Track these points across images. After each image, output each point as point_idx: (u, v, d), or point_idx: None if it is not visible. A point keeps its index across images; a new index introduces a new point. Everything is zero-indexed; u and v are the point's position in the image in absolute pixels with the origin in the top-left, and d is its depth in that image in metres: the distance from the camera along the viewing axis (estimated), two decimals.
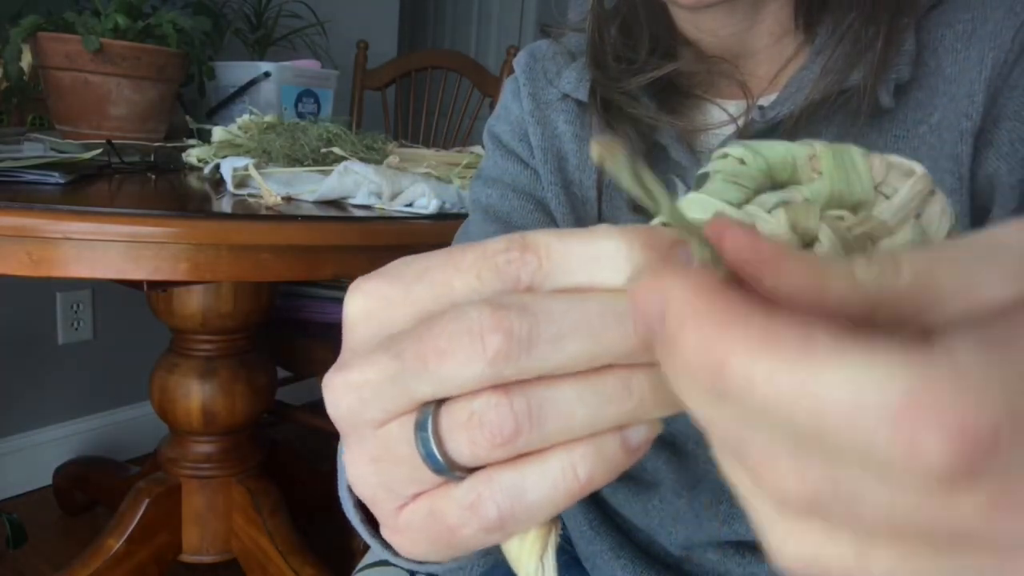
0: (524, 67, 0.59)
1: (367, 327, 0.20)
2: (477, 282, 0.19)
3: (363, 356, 0.20)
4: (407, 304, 0.20)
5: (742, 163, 0.21)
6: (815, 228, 0.20)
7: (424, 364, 0.19)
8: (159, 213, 0.72)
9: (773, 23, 0.49)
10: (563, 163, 0.56)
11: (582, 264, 0.19)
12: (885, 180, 0.21)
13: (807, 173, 0.21)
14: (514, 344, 0.18)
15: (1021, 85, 0.43)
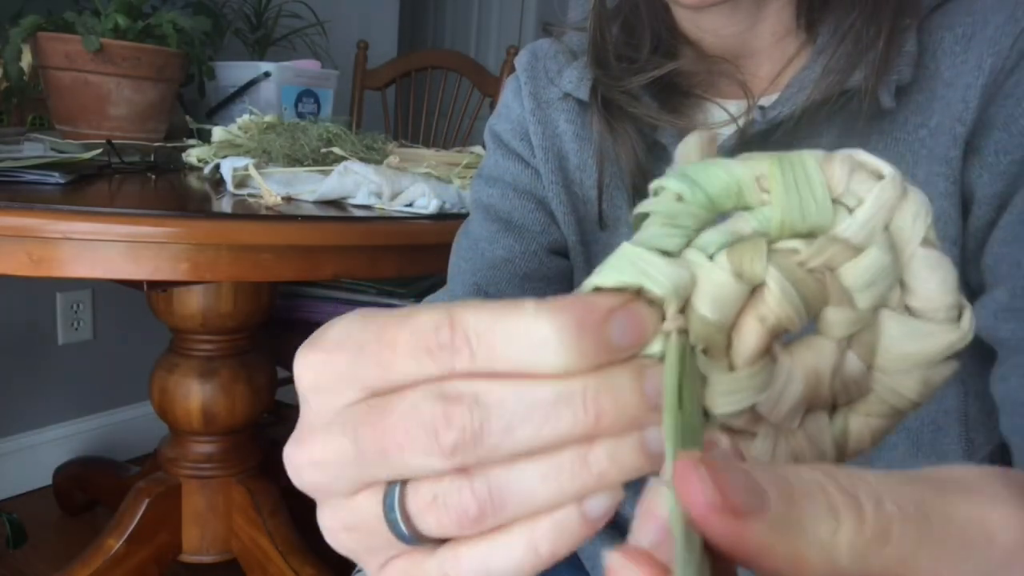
0: (525, 66, 0.59)
1: (318, 400, 0.20)
2: (415, 365, 0.19)
3: (321, 433, 0.20)
4: (353, 379, 0.20)
5: (680, 199, 0.18)
6: (762, 272, 0.18)
7: (383, 454, 0.19)
8: (159, 213, 0.72)
9: (775, 23, 0.49)
10: (564, 162, 0.56)
11: (517, 351, 0.18)
12: (847, 188, 0.18)
13: (755, 195, 0.18)
14: (468, 438, 0.18)
15: (1015, 94, 0.43)
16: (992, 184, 0.44)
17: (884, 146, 0.46)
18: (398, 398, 0.19)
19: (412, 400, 0.19)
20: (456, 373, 0.19)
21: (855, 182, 0.18)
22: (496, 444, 0.18)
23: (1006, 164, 0.43)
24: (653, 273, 0.18)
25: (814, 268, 0.18)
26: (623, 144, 0.51)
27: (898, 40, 0.45)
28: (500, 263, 0.57)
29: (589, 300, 0.18)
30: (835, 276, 0.18)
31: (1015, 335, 0.42)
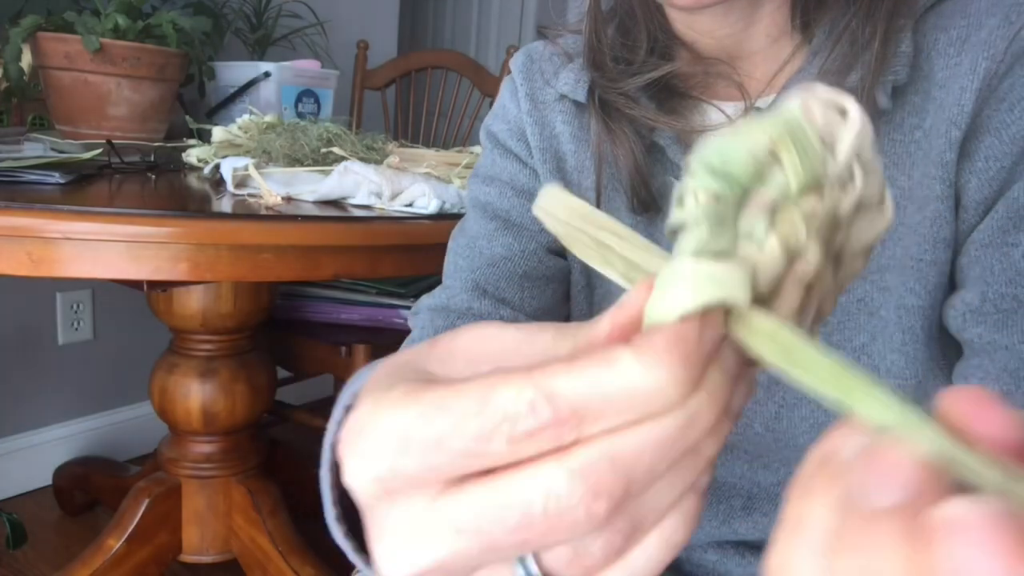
0: (521, 67, 0.59)
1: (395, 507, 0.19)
2: (512, 448, 0.18)
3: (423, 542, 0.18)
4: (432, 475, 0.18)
5: (718, 199, 0.19)
6: (804, 246, 0.19)
7: (523, 543, 0.18)
8: (159, 213, 0.72)
9: (770, 24, 0.49)
10: (561, 163, 0.56)
11: (630, 406, 0.17)
12: (827, 131, 0.20)
13: (769, 165, 0.19)
14: (618, 501, 0.18)
15: (1008, 99, 0.43)
16: (980, 190, 0.44)
17: (881, 147, 0.46)
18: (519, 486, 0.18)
19: (543, 485, 0.17)
20: (564, 446, 0.18)
21: (831, 123, 0.20)
22: (641, 491, 0.18)
23: (995, 170, 0.43)
24: (733, 286, 0.18)
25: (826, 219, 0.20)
26: (621, 146, 0.51)
27: (894, 40, 0.45)
28: (499, 261, 0.57)
29: (683, 333, 0.18)
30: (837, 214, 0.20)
31: (981, 339, 0.44)
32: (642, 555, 0.19)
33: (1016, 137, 0.42)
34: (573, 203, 0.22)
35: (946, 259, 0.45)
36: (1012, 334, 0.43)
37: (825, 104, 0.20)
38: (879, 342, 0.47)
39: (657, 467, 0.18)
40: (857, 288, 0.47)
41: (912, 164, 0.46)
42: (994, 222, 0.43)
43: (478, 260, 0.57)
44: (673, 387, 0.17)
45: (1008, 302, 0.43)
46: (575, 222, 0.22)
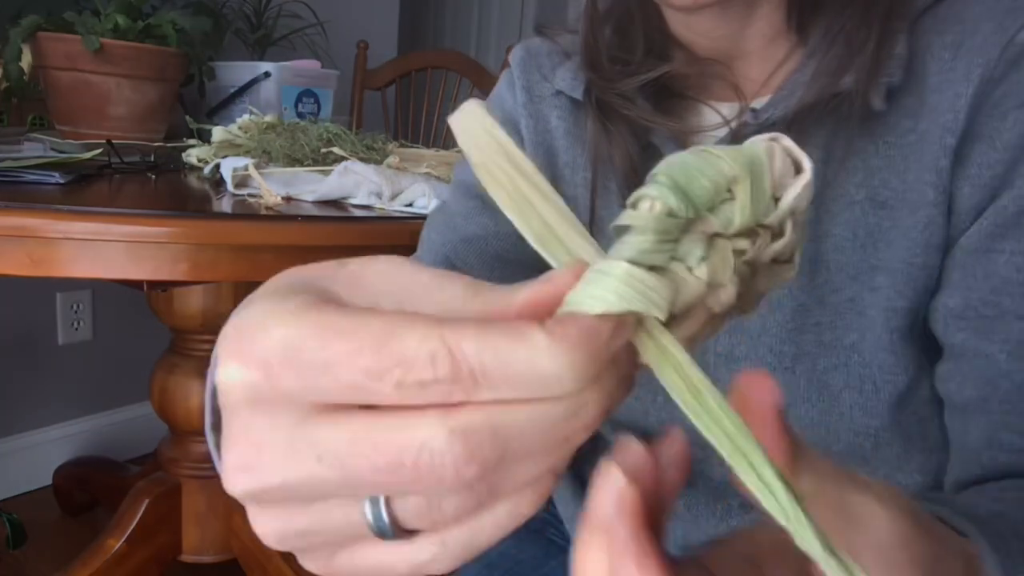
0: (519, 61, 0.59)
1: (260, 419, 0.18)
2: (398, 393, 0.17)
3: (282, 458, 0.18)
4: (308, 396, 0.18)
5: (671, 214, 0.19)
6: (727, 281, 0.20)
7: (383, 485, 0.18)
8: (159, 213, 0.72)
9: (766, 25, 0.49)
10: (553, 158, 0.57)
11: (529, 383, 0.18)
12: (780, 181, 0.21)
13: (722, 195, 0.20)
14: (488, 469, 0.18)
15: (1002, 106, 0.43)
16: (972, 196, 0.44)
17: (875, 149, 0.46)
18: (395, 432, 0.18)
19: (420, 436, 0.17)
20: (450, 404, 0.18)
21: (784, 175, 0.21)
22: (514, 467, 0.18)
23: (987, 177, 0.43)
24: (657, 301, 0.19)
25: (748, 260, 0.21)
26: (617, 145, 0.51)
27: (889, 42, 0.45)
28: (473, 239, 0.57)
29: (596, 329, 0.18)
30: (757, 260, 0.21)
31: (962, 344, 0.44)
32: (489, 520, 0.19)
33: (1009, 145, 0.42)
34: (499, 137, 0.21)
35: (936, 264, 0.46)
36: (992, 342, 0.43)
37: (786, 154, 0.21)
38: (868, 341, 0.47)
39: (533, 446, 0.18)
40: (847, 288, 0.47)
41: (905, 167, 0.46)
42: (981, 229, 0.43)
43: (452, 235, 0.58)
44: (573, 378, 0.18)
45: (990, 309, 0.43)
46: (497, 158, 0.21)
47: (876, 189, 0.46)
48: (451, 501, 0.19)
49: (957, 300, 0.44)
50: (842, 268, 0.47)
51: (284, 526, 0.20)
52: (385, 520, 0.19)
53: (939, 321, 0.46)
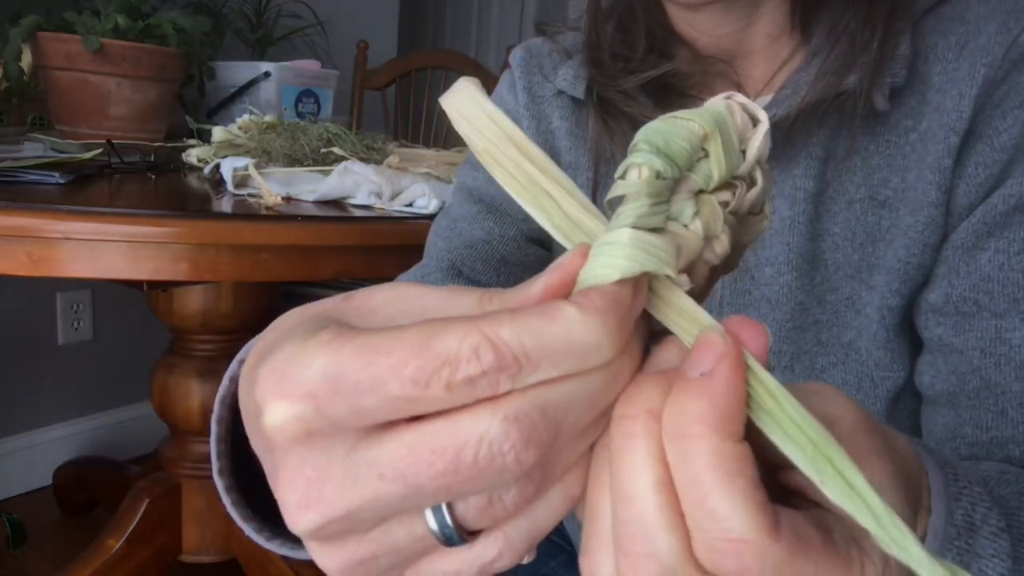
0: (520, 61, 0.59)
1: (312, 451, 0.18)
2: (448, 394, 0.17)
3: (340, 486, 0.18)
4: (359, 420, 0.18)
5: (659, 176, 0.20)
6: (720, 231, 0.21)
7: (446, 489, 0.18)
8: (159, 213, 0.72)
9: (769, 23, 0.49)
10: (556, 159, 0.57)
11: (569, 358, 0.18)
12: (742, 134, 0.22)
13: (697, 153, 0.21)
14: (546, 450, 0.18)
15: (1002, 106, 0.43)
16: (967, 195, 0.44)
17: (876, 148, 0.46)
18: (451, 431, 0.18)
19: (476, 431, 0.17)
20: (500, 392, 0.18)
21: (745, 128, 0.22)
22: (568, 442, 0.19)
23: (984, 177, 0.43)
24: (666, 259, 0.20)
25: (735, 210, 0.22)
26: (619, 143, 0.51)
27: (892, 42, 0.45)
28: (478, 243, 0.57)
29: (620, 295, 0.19)
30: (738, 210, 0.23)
31: (939, 339, 0.45)
32: (545, 507, 0.20)
33: (1006, 145, 0.42)
34: (498, 118, 0.22)
35: (931, 264, 0.46)
36: (967, 339, 0.43)
37: (744, 109, 0.22)
38: (865, 339, 0.47)
39: (581, 421, 0.19)
40: (845, 286, 0.48)
41: (906, 167, 0.46)
42: (970, 226, 0.44)
43: (457, 241, 0.58)
44: (608, 344, 0.18)
45: (968, 305, 0.43)
46: (499, 142, 0.21)
47: (876, 188, 0.46)
48: (511, 492, 0.19)
49: (938, 295, 0.45)
50: (840, 267, 0.47)
51: (349, 557, 0.20)
52: (450, 525, 0.19)
53: (920, 315, 0.46)
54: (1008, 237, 0.42)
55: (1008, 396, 0.42)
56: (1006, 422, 0.42)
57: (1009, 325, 0.42)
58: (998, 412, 0.42)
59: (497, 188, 0.58)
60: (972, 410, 0.43)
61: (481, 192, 0.58)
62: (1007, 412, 0.42)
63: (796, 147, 0.47)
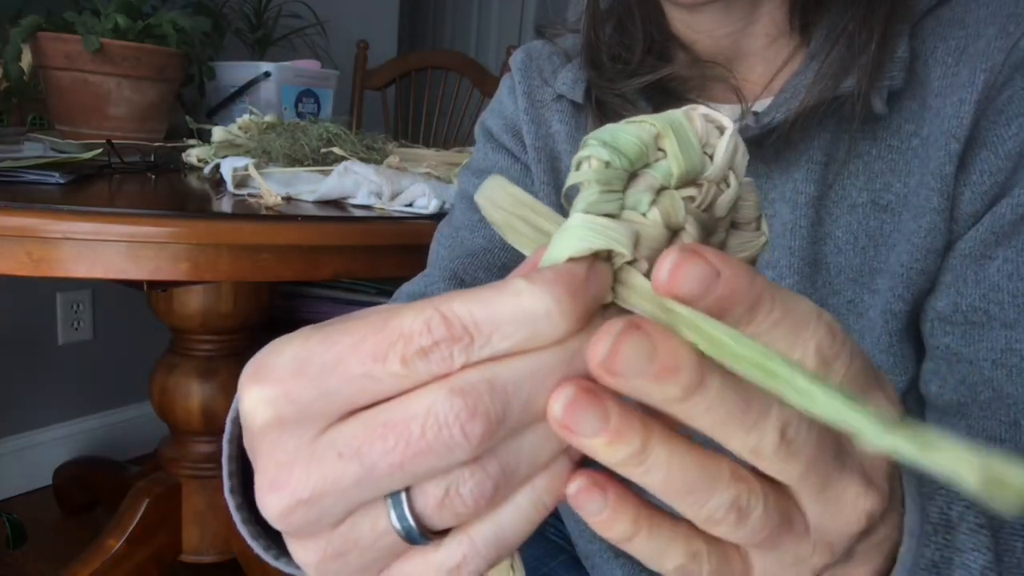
0: (520, 65, 0.59)
1: (282, 436, 0.19)
2: (404, 370, 0.18)
3: (306, 468, 0.19)
4: (324, 403, 0.19)
5: (608, 166, 0.21)
6: (682, 221, 0.22)
7: (399, 467, 0.18)
8: (159, 213, 0.72)
9: (769, 24, 0.49)
10: (556, 163, 0.57)
11: (519, 330, 0.18)
12: (706, 140, 0.22)
13: (652, 153, 0.22)
14: (494, 425, 0.18)
15: (1006, 112, 0.42)
16: (972, 203, 0.43)
17: (878, 152, 0.46)
18: (402, 407, 0.18)
19: (424, 404, 0.18)
20: (455, 368, 0.18)
21: (710, 135, 0.23)
22: (517, 423, 0.19)
23: (989, 184, 0.43)
24: (617, 237, 0.20)
25: (702, 206, 0.23)
26: None
27: (891, 45, 0.44)
28: (479, 252, 0.57)
29: (571, 269, 0.19)
30: (712, 209, 0.23)
31: (947, 348, 0.44)
32: (513, 513, 0.20)
33: (1011, 152, 0.42)
34: (519, 195, 0.23)
35: (935, 269, 0.45)
36: (977, 349, 0.43)
37: (706, 118, 0.23)
38: (868, 343, 0.47)
39: (534, 400, 0.19)
40: (847, 290, 0.47)
41: (908, 171, 0.45)
42: (977, 234, 0.43)
43: (459, 249, 0.58)
44: (558, 313, 0.18)
45: (978, 315, 0.43)
46: (517, 211, 0.23)
47: (878, 192, 0.46)
48: (467, 484, 0.19)
49: (946, 304, 0.44)
50: (842, 270, 0.47)
51: (322, 552, 0.20)
52: (408, 518, 0.20)
53: (927, 323, 0.46)
54: (1016, 247, 0.42)
55: (1020, 407, 0.42)
56: (1019, 433, 0.42)
57: (1019, 336, 0.42)
58: (1010, 423, 0.42)
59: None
60: (984, 420, 0.43)
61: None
62: (1019, 423, 0.42)
63: (796, 151, 0.47)
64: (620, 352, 0.18)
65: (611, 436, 0.18)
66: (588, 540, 0.58)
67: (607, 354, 0.18)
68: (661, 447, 0.19)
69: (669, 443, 0.19)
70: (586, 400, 0.18)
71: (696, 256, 0.18)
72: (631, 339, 0.18)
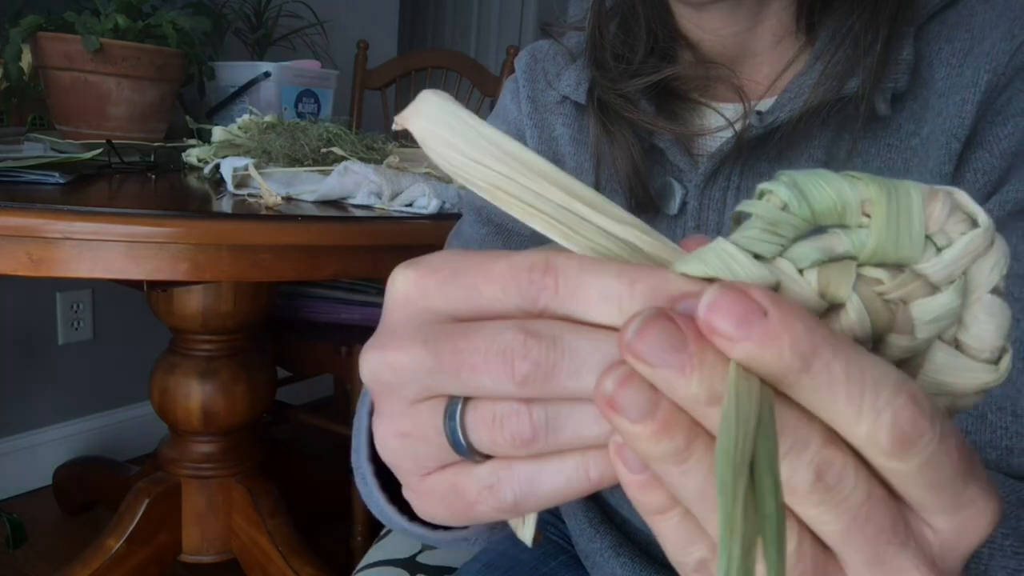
0: (524, 68, 0.59)
1: (404, 311, 0.22)
2: (501, 293, 0.20)
3: (402, 340, 0.22)
4: (441, 298, 0.21)
5: (785, 208, 0.19)
6: (846, 296, 0.19)
7: (457, 371, 0.20)
8: (159, 213, 0.72)
9: (776, 23, 0.49)
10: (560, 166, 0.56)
11: (592, 300, 0.19)
12: (942, 228, 0.18)
13: (855, 217, 0.19)
14: (540, 373, 0.20)
15: (1004, 113, 0.42)
16: None
17: (877, 151, 0.46)
18: (482, 323, 0.20)
19: (496, 328, 0.20)
20: (536, 311, 0.20)
21: (951, 223, 0.18)
22: (563, 384, 0.20)
23: (982, 183, 0.43)
24: (738, 270, 0.18)
25: (890, 299, 0.19)
26: (619, 147, 0.51)
27: (896, 46, 0.44)
28: None
29: (666, 276, 0.19)
30: (906, 308, 0.19)
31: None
32: (555, 470, 0.21)
33: (1006, 151, 0.42)
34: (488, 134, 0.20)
35: None
36: None
37: (953, 202, 0.19)
38: None
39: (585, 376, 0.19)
40: None
41: (907, 171, 0.46)
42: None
43: None
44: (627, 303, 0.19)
45: None
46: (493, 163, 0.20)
47: None
48: (511, 419, 0.20)
49: None
50: None
51: (393, 426, 0.23)
52: (457, 426, 0.21)
53: None
54: None
55: (988, 401, 0.42)
56: (984, 426, 0.42)
57: None
58: (978, 416, 0.42)
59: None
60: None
61: (489, 211, 0.58)
62: (986, 416, 0.42)
63: (798, 149, 0.47)
64: (647, 335, 0.18)
65: (657, 426, 0.18)
66: (588, 539, 0.58)
67: (633, 332, 0.18)
68: (706, 451, 0.18)
69: (713, 445, 0.18)
70: (639, 382, 0.18)
71: (739, 293, 0.17)
72: (660, 326, 0.18)
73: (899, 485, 0.19)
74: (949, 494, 0.18)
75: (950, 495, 0.18)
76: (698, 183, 0.49)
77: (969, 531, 0.19)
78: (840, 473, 0.18)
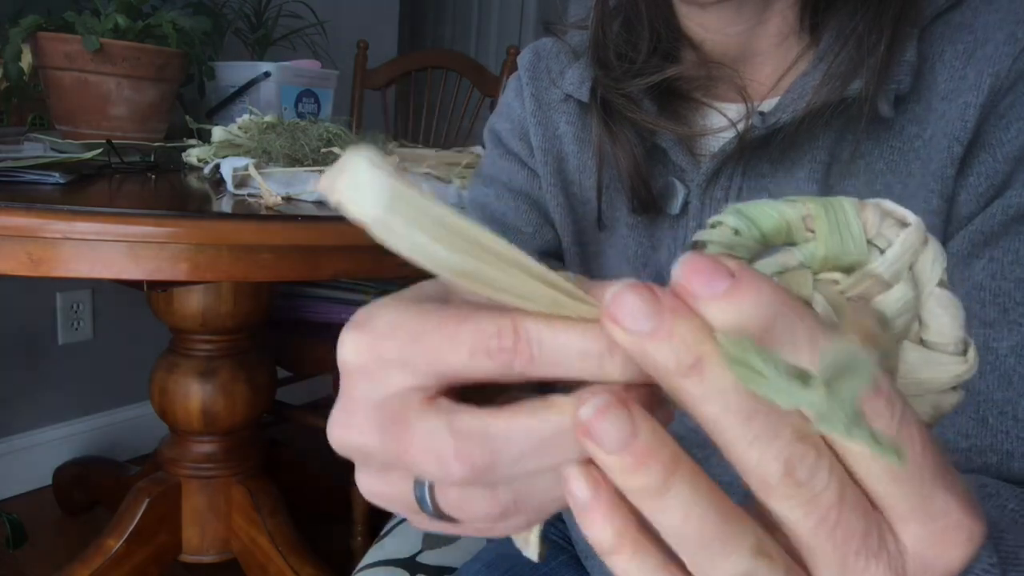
0: (528, 66, 0.59)
1: (362, 383, 0.21)
2: (468, 360, 0.19)
3: (361, 424, 0.21)
4: (400, 370, 0.20)
5: (737, 233, 0.21)
6: (809, 296, 0.21)
7: (410, 466, 0.20)
8: (159, 213, 0.72)
9: (780, 23, 0.49)
10: (563, 164, 0.56)
11: (573, 359, 0.19)
12: (879, 232, 0.21)
13: (801, 233, 0.21)
14: (478, 473, 0.19)
15: (1007, 116, 0.42)
16: (967, 205, 0.43)
17: (880, 154, 0.46)
18: (418, 418, 0.20)
19: (428, 427, 0.20)
20: (513, 376, 0.19)
21: (885, 227, 0.21)
22: (505, 474, 0.20)
23: (985, 187, 0.43)
24: None
25: (851, 297, 0.21)
26: (622, 147, 0.51)
27: (899, 47, 0.44)
28: None
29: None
30: (868, 304, 0.21)
31: None
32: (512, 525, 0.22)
33: (1008, 156, 0.42)
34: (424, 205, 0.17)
35: None
36: None
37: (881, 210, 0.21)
38: None
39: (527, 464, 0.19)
40: None
41: (909, 172, 0.45)
42: (967, 235, 0.43)
43: None
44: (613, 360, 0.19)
45: None
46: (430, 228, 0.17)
47: (879, 193, 0.46)
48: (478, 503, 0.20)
49: None
50: None
51: (369, 483, 0.23)
52: (428, 504, 0.22)
53: None
54: (1003, 247, 0.42)
55: (989, 405, 0.42)
56: (986, 430, 0.42)
57: (997, 335, 0.42)
58: (979, 420, 0.42)
59: (506, 204, 0.58)
60: (954, 416, 0.43)
61: (492, 210, 0.58)
62: (987, 420, 0.42)
63: (800, 150, 0.47)
64: (624, 301, 0.18)
65: (636, 458, 0.18)
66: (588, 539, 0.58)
67: (612, 299, 0.18)
68: (686, 485, 0.18)
69: (695, 482, 0.18)
70: (618, 408, 0.18)
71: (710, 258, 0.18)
72: (637, 292, 0.18)
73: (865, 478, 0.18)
74: (917, 493, 0.18)
75: (918, 495, 0.18)
76: (700, 183, 0.49)
77: (945, 546, 0.19)
78: (812, 470, 0.18)
